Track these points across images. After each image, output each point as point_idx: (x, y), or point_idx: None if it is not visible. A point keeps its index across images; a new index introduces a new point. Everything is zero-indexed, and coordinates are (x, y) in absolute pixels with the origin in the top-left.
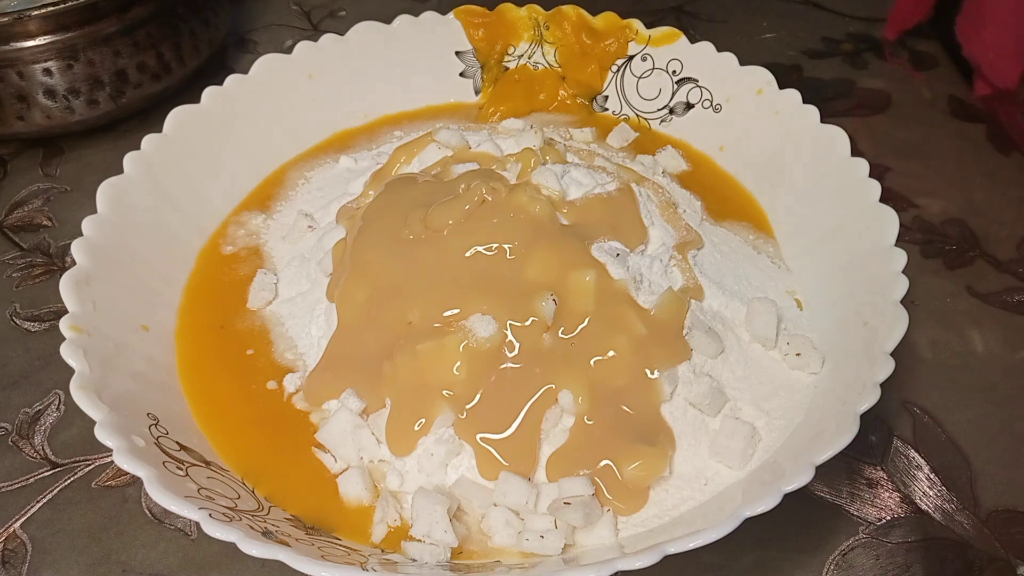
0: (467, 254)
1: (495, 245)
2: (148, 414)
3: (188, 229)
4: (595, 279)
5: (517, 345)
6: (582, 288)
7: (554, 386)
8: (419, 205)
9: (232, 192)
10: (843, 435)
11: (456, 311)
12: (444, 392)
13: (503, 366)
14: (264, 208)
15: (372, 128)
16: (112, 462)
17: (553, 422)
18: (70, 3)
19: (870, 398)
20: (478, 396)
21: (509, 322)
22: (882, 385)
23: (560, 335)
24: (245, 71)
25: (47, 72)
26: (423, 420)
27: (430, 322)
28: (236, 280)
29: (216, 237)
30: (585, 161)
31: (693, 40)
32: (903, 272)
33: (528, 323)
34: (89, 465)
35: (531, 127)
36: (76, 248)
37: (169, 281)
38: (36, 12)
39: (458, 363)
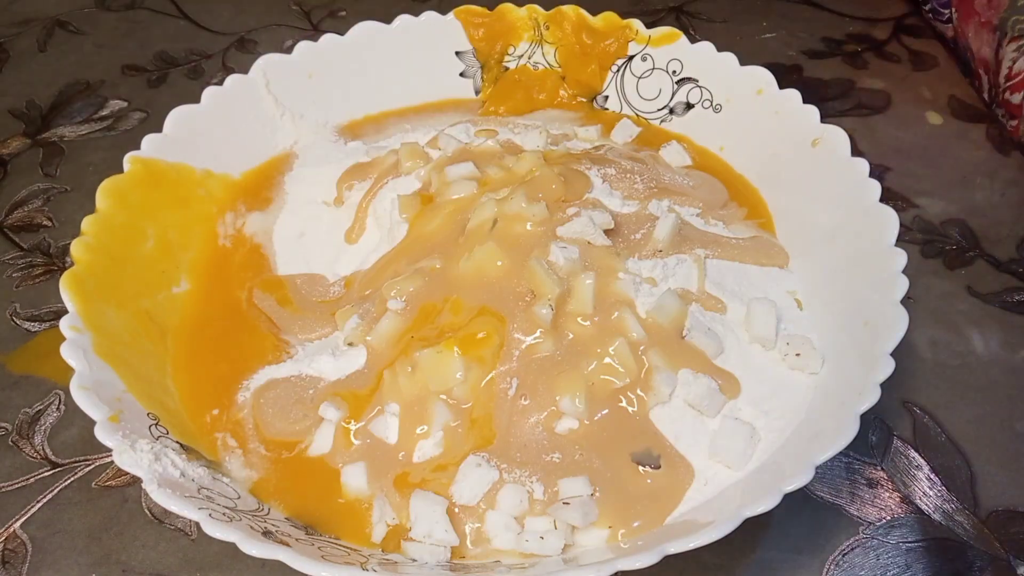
0: (464, 260)
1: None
2: (148, 414)
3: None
4: (593, 282)
5: (515, 350)
6: (580, 290)
7: (554, 388)
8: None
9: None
10: (843, 435)
11: (454, 316)
12: (442, 396)
13: (503, 368)
14: (262, 207)
15: (379, 120)
16: (112, 462)
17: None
18: None
19: (870, 398)
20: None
21: (507, 327)
22: (882, 385)
23: (558, 338)
24: (245, 71)
25: None
26: (424, 427)
27: (429, 328)
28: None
29: (215, 235)
30: (587, 162)
31: (693, 40)
32: (903, 272)
33: (527, 327)
34: (89, 465)
35: (536, 125)
36: (75, 247)
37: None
38: None
39: (458, 370)
